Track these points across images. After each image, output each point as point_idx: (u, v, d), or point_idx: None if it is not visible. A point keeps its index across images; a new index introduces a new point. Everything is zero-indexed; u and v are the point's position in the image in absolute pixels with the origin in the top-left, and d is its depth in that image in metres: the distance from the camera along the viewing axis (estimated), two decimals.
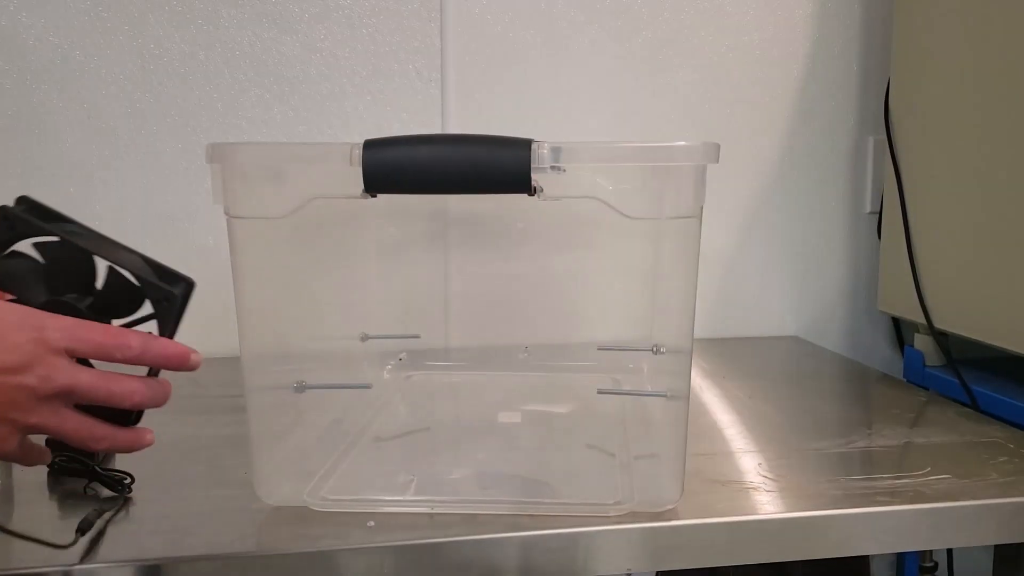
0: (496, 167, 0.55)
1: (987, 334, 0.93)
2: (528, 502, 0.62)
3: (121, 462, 0.69)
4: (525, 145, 0.55)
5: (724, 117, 1.19)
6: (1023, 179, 0.87)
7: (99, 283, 0.57)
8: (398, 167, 0.56)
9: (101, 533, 0.58)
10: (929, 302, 1.03)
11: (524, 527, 0.58)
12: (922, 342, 1.07)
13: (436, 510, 0.61)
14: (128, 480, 0.66)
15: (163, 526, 0.59)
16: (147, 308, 0.57)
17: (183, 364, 0.54)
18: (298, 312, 0.65)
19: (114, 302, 0.57)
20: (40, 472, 0.66)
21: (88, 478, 0.66)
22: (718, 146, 0.56)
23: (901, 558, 1.12)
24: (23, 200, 0.57)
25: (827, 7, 1.20)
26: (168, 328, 0.56)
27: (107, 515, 0.60)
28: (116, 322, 0.56)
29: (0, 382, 0.47)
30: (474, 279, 0.96)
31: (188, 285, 0.56)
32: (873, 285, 1.24)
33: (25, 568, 0.53)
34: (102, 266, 0.57)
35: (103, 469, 0.67)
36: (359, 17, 1.11)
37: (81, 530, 0.57)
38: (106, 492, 0.64)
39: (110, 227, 1.08)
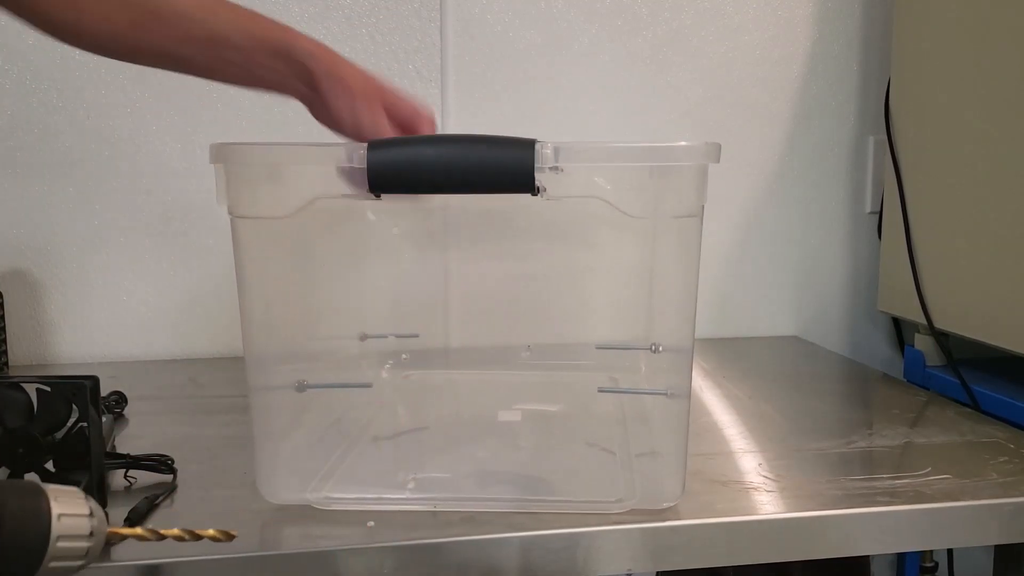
0: (500, 167, 0.55)
1: (987, 334, 0.93)
2: (529, 500, 0.62)
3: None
4: (529, 145, 0.55)
5: (724, 117, 1.20)
6: (1023, 179, 0.87)
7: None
8: (403, 167, 0.56)
9: None
10: (929, 302, 1.03)
11: (524, 527, 0.58)
12: (922, 342, 1.07)
13: (438, 508, 0.61)
14: (171, 461, 0.68)
15: (163, 526, 0.59)
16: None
17: None
18: (300, 311, 0.65)
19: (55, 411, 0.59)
20: None
21: (127, 467, 0.67)
22: (719, 146, 0.56)
23: (901, 558, 1.12)
24: None
25: (827, 7, 1.20)
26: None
27: (159, 500, 0.63)
28: None
29: None
30: (474, 278, 0.96)
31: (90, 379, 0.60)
32: (873, 285, 1.24)
33: None
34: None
35: (141, 457, 0.68)
36: (359, 17, 1.11)
37: (131, 520, 0.59)
38: (116, 485, 0.64)
39: (110, 227, 1.09)
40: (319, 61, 0.61)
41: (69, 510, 0.40)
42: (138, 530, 0.45)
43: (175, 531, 0.48)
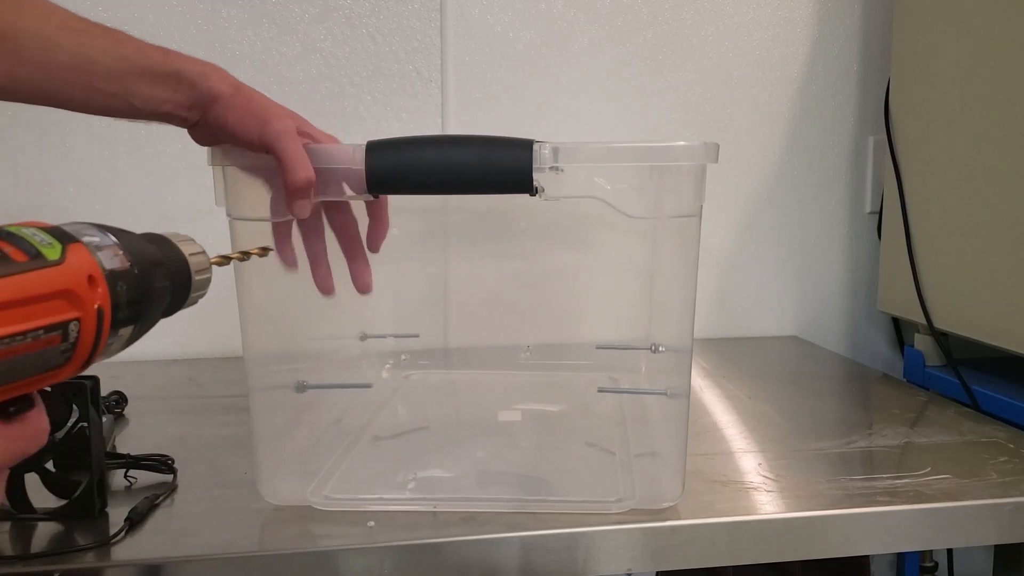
0: (498, 168, 0.55)
1: (987, 334, 0.93)
2: (529, 500, 0.62)
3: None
4: (527, 146, 0.55)
5: (724, 117, 1.20)
6: (1023, 179, 0.87)
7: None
8: (401, 168, 0.56)
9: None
10: (929, 302, 1.03)
11: (524, 527, 0.58)
12: (922, 342, 1.07)
13: (438, 508, 0.61)
14: (171, 460, 0.68)
15: (163, 526, 0.59)
16: None
17: None
18: (300, 311, 0.65)
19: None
20: None
21: (127, 467, 0.67)
22: (717, 146, 0.57)
23: (901, 558, 1.12)
24: None
25: (827, 7, 1.20)
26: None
27: (159, 500, 0.63)
28: None
29: None
30: (474, 278, 0.96)
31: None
32: (873, 285, 1.24)
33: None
34: None
35: (141, 457, 0.69)
36: (359, 17, 1.11)
37: (131, 520, 0.58)
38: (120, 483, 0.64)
39: None
40: (219, 79, 0.56)
41: (192, 250, 0.48)
42: (216, 258, 0.51)
43: (236, 254, 0.56)
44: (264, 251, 0.58)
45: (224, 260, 0.51)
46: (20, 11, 0.51)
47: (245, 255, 0.56)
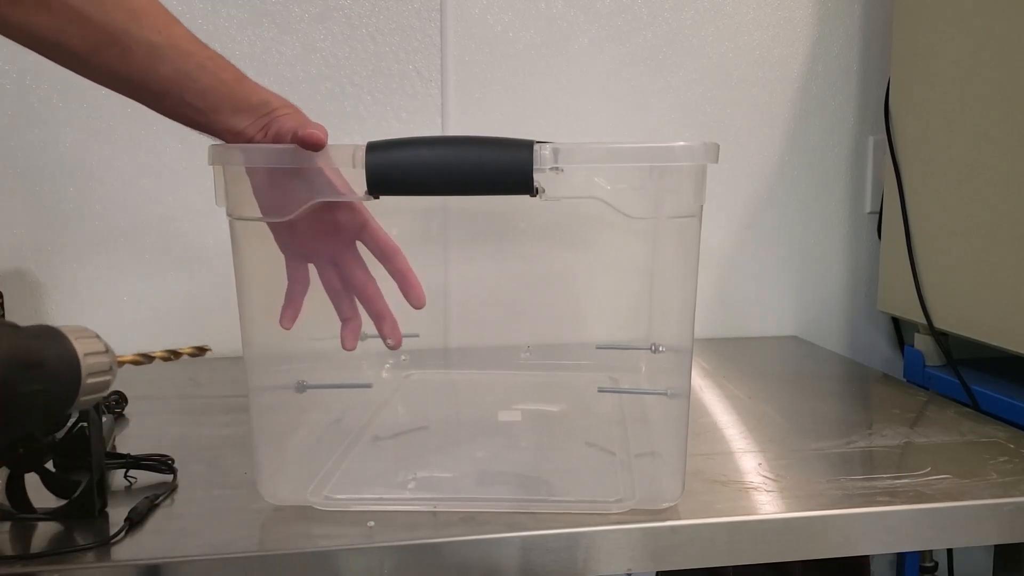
0: (498, 169, 0.55)
1: (987, 334, 0.93)
2: (529, 500, 0.62)
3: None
4: (527, 146, 0.55)
5: (724, 117, 1.20)
6: (1023, 179, 0.87)
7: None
8: (401, 169, 0.56)
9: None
10: (929, 302, 1.03)
11: (524, 527, 0.58)
12: (922, 342, 1.07)
13: (438, 508, 0.61)
14: (171, 460, 0.68)
15: (163, 526, 0.59)
16: None
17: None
18: (300, 311, 0.65)
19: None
20: None
21: (127, 467, 0.68)
22: (717, 146, 0.57)
23: (901, 558, 1.12)
24: None
25: (827, 7, 1.20)
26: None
27: (159, 500, 0.62)
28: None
29: None
30: (474, 278, 0.96)
31: None
32: (873, 285, 1.24)
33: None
34: None
35: (141, 457, 0.69)
36: (359, 17, 1.11)
37: (131, 520, 0.58)
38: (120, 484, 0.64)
39: (110, 227, 1.09)
40: (294, 117, 0.60)
41: (91, 349, 0.44)
42: (133, 356, 0.48)
43: (160, 352, 0.51)
44: (199, 351, 0.57)
45: (144, 359, 0.50)
46: (133, 19, 0.56)
47: (173, 354, 0.54)
